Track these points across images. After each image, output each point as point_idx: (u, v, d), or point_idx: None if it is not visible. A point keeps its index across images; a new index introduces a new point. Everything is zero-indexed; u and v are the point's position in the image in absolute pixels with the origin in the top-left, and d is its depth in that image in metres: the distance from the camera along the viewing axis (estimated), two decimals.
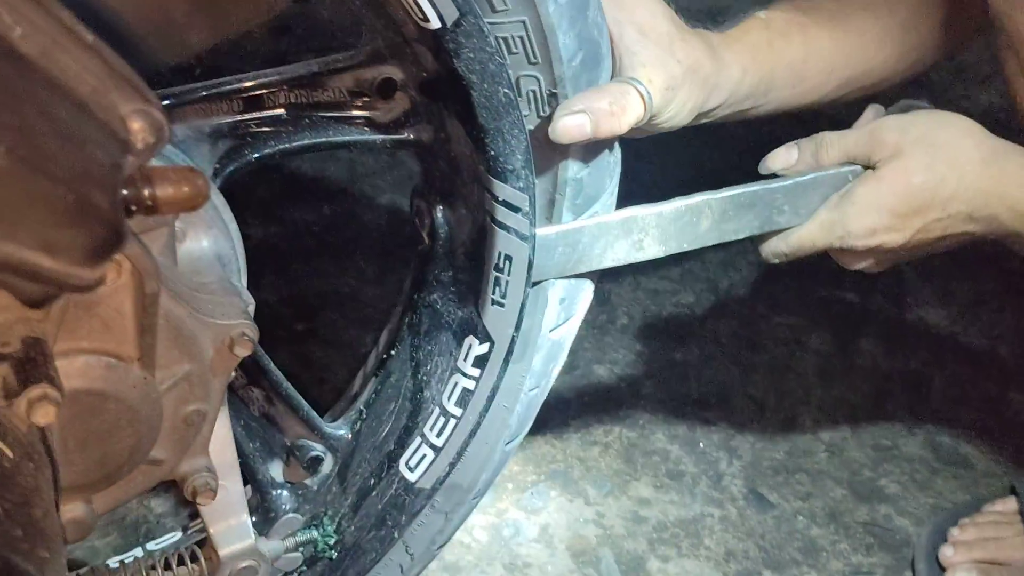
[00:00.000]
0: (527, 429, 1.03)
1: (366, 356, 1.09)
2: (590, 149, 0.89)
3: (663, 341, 1.71)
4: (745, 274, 1.85)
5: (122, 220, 0.45)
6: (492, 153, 0.84)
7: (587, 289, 0.99)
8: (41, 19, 0.42)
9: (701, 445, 1.51)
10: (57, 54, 0.42)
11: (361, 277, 1.72)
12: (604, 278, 0.99)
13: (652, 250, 0.96)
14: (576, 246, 0.92)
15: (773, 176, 1.02)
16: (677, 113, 0.93)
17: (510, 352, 0.94)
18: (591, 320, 1.68)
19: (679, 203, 0.96)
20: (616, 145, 0.92)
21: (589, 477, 1.44)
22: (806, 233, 1.01)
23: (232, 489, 0.89)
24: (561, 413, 1.54)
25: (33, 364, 0.59)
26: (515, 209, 0.86)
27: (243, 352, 0.77)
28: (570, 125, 0.83)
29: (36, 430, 0.61)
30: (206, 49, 0.86)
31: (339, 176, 1.90)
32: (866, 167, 1.01)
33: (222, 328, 0.76)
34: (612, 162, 0.92)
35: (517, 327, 0.92)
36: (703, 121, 1.01)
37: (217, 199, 0.83)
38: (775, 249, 1.04)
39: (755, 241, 1.04)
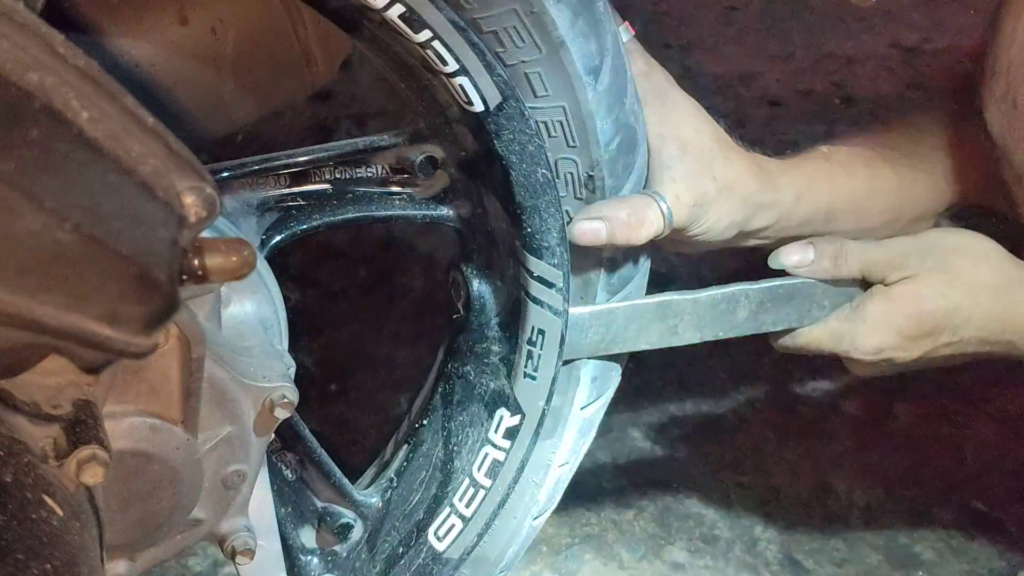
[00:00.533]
0: (555, 504, 1.04)
1: (398, 420, 1.11)
2: None
3: (698, 405, 1.71)
4: None
5: (177, 291, 0.47)
6: (528, 230, 0.87)
7: (617, 369, 1.01)
8: (108, 105, 0.44)
9: (736, 509, 1.51)
10: (122, 137, 0.45)
11: (395, 340, 1.74)
12: None
13: (687, 336, 0.97)
14: (610, 327, 0.94)
15: (782, 272, 1.00)
16: (711, 229, 0.94)
17: (540, 425, 0.95)
18: (625, 383, 1.69)
19: (715, 291, 0.97)
20: None
21: (623, 540, 1.44)
22: (813, 337, 1.01)
23: (270, 548, 0.90)
24: (596, 476, 1.54)
25: (83, 426, 0.61)
26: (549, 285, 0.88)
27: (283, 414, 0.79)
28: (586, 229, 0.86)
29: (84, 490, 0.63)
30: (252, 122, 0.90)
31: (375, 240, 1.93)
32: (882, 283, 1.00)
33: (263, 391, 0.79)
34: (646, 245, 0.93)
35: (548, 400, 0.94)
36: (751, 243, 1.01)
37: (261, 265, 0.86)
38: (782, 342, 1.04)
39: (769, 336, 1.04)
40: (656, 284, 1.00)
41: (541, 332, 0.91)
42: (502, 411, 0.96)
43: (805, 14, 2.86)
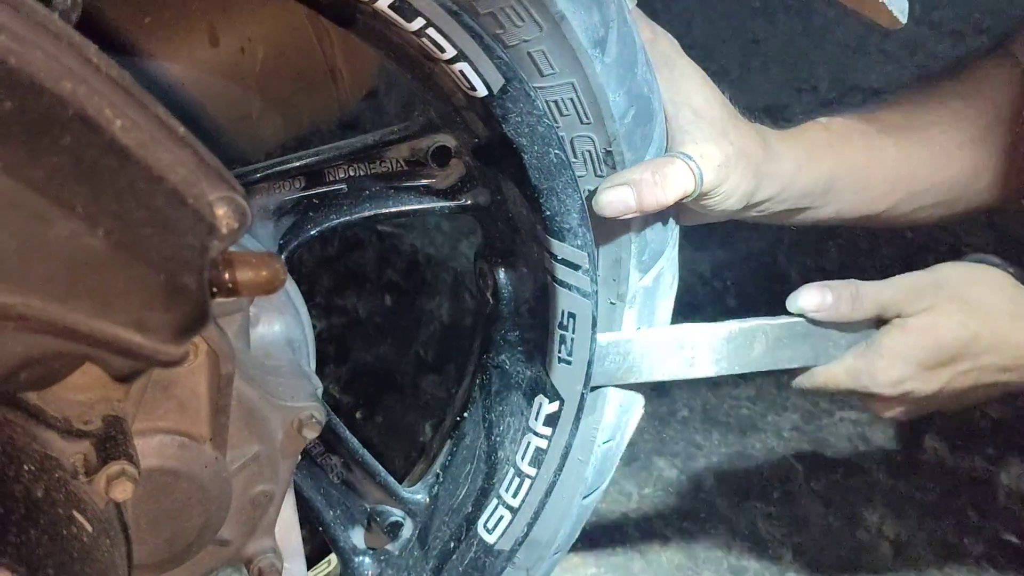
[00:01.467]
0: (606, 483, 1.03)
1: (424, 446, 1.10)
2: None
3: (724, 434, 1.70)
4: None
5: (207, 300, 0.47)
6: (548, 213, 0.85)
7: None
8: (139, 114, 0.45)
9: (764, 540, 1.49)
10: (153, 146, 0.45)
11: (420, 365, 1.74)
12: None
13: (703, 369, 0.97)
14: (627, 357, 0.94)
15: (800, 315, 1.00)
16: (729, 196, 0.92)
17: (580, 410, 0.94)
18: (651, 412, 1.68)
19: (733, 325, 0.97)
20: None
21: (650, 571, 1.42)
22: (830, 375, 1.00)
23: (296, 571, 0.90)
24: (621, 505, 1.53)
25: (113, 442, 0.61)
26: (575, 267, 0.87)
27: (311, 434, 0.79)
28: (612, 198, 0.83)
29: (113, 506, 0.63)
30: (278, 143, 0.90)
31: (401, 266, 1.94)
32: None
33: (291, 411, 0.78)
34: (671, 216, 0.93)
35: (586, 384, 0.93)
36: (753, 214, 1.00)
37: (290, 285, 0.86)
38: (800, 383, 1.03)
39: (786, 373, 1.04)
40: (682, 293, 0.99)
41: (572, 315, 0.90)
42: (540, 398, 0.95)
43: (829, 46, 2.86)
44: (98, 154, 0.43)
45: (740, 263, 2.03)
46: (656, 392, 1.02)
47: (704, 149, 0.89)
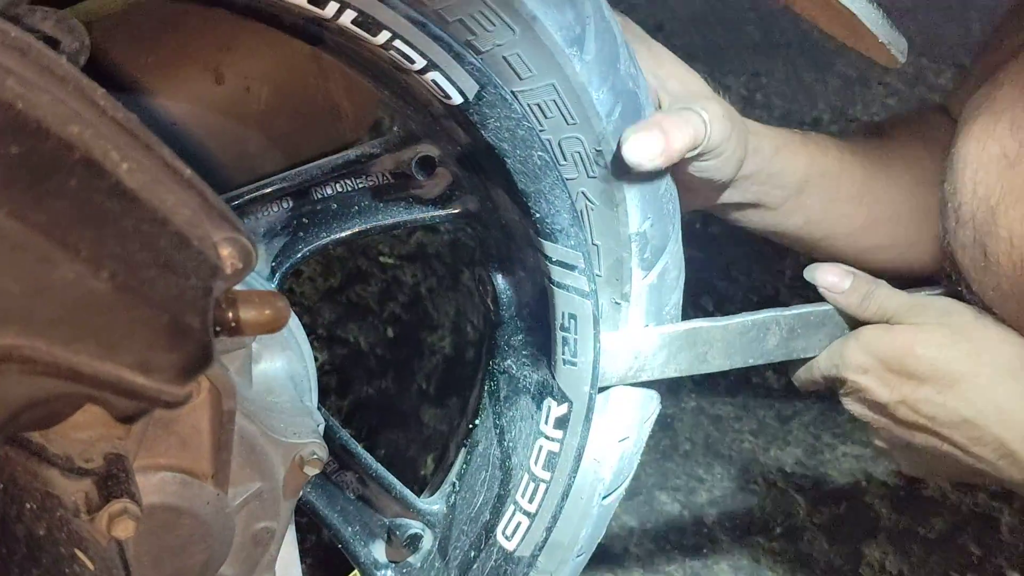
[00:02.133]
0: (626, 482, 1.01)
1: (425, 479, 1.10)
2: (647, 199, 0.88)
3: (726, 468, 1.69)
4: (810, 401, 1.84)
5: (212, 341, 0.48)
6: (538, 215, 0.84)
7: None
8: (145, 157, 0.45)
9: None
10: (158, 188, 0.45)
11: (422, 398, 1.74)
12: (666, 403, 0.99)
13: (716, 363, 0.96)
14: (639, 355, 0.93)
15: (811, 306, 0.99)
16: (728, 159, 0.90)
17: (590, 411, 0.92)
18: (653, 445, 1.68)
19: (746, 318, 0.96)
20: (674, 192, 0.91)
21: None
22: (816, 361, 0.99)
23: None
24: (623, 540, 1.53)
25: (115, 480, 0.61)
26: (570, 268, 0.86)
27: (313, 471, 0.79)
28: (642, 139, 0.80)
29: (115, 544, 0.63)
30: (278, 172, 0.90)
31: (403, 299, 1.94)
32: None
33: (293, 447, 0.79)
34: (672, 210, 0.91)
35: (593, 385, 0.91)
36: (734, 199, 0.99)
37: (292, 321, 0.86)
38: (796, 376, 1.02)
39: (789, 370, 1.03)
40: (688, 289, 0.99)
41: (572, 317, 0.89)
42: (549, 401, 0.94)
43: (831, 79, 2.88)
44: (103, 197, 0.43)
45: (742, 296, 2.03)
46: (658, 425, 1.01)
47: (705, 104, 0.87)
